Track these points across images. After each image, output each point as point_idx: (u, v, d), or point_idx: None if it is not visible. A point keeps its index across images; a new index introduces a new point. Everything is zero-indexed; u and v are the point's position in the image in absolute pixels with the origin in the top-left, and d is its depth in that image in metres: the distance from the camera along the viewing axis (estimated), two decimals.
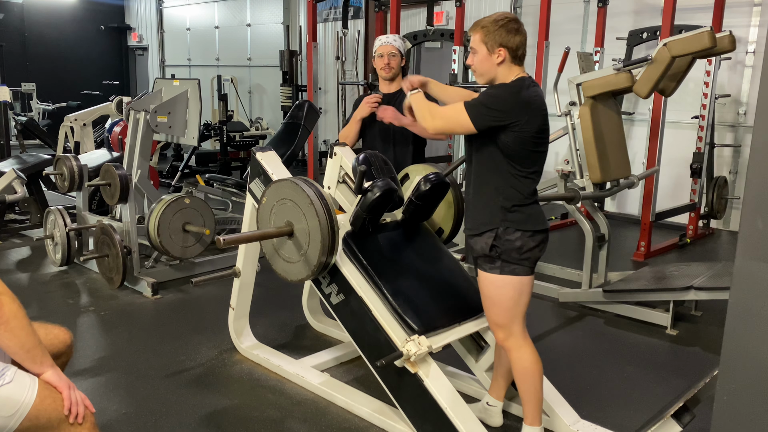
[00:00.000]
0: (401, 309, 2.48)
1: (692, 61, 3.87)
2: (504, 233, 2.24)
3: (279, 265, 2.64)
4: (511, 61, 2.25)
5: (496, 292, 2.31)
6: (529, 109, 2.18)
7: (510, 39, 2.22)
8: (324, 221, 2.42)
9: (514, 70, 2.27)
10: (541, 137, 2.24)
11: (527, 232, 2.24)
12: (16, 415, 1.60)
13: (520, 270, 2.27)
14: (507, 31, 2.21)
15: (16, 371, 1.65)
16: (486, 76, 2.30)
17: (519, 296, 2.30)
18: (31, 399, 1.62)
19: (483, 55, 2.25)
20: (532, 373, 2.35)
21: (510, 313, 2.31)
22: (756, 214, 1.19)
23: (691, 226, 5.95)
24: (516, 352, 2.35)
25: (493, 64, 2.25)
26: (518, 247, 2.24)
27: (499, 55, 2.23)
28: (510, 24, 2.22)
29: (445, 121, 2.28)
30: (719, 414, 1.29)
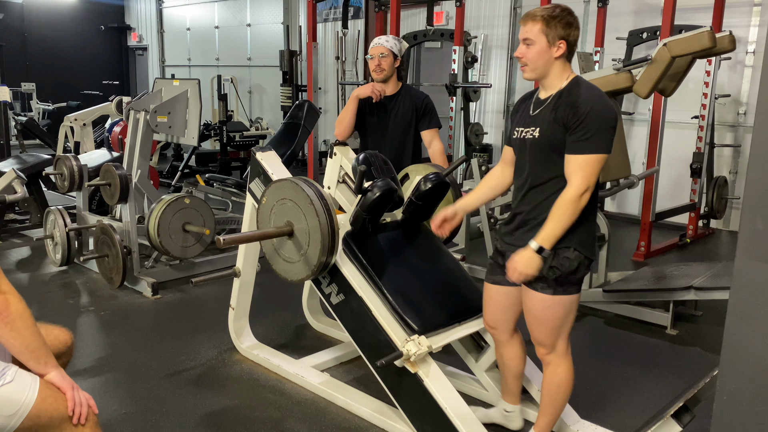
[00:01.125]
0: (401, 309, 2.48)
1: (692, 61, 3.86)
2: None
3: (279, 265, 2.64)
4: (567, 56, 2.13)
5: (548, 314, 2.20)
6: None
7: (571, 32, 2.09)
8: (324, 221, 2.42)
9: (567, 67, 2.16)
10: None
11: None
12: (17, 414, 1.60)
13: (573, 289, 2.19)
14: (568, 24, 2.08)
15: (17, 370, 1.65)
16: (539, 70, 2.14)
17: (568, 315, 2.21)
18: (32, 398, 1.62)
19: (542, 47, 2.09)
20: (563, 391, 2.31)
21: (556, 331, 2.24)
22: (756, 214, 1.19)
23: (691, 226, 5.96)
24: (556, 368, 2.29)
25: (551, 57, 2.10)
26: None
27: (559, 48, 2.09)
28: (569, 17, 2.10)
29: (593, 178, 2.04)
30: (719, 414, 1.29)
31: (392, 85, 3.37)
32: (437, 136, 3.43)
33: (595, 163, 2.04)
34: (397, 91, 3.39)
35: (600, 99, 2.10)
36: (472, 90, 6.68)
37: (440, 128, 3.46)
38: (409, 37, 7.52)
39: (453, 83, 6.25)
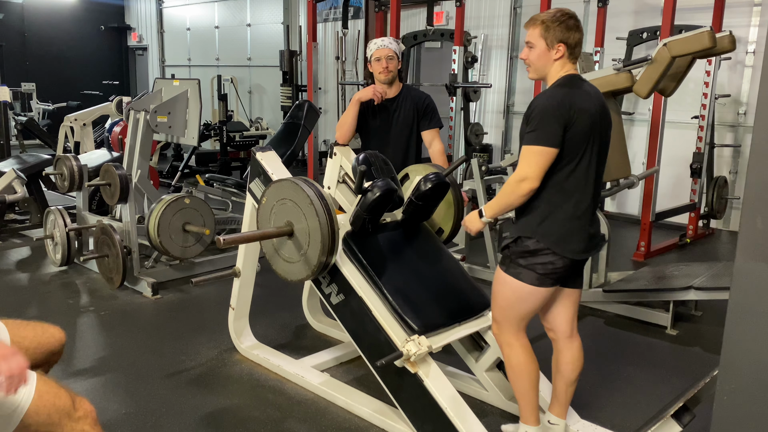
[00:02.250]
0: (401, 309, 2.48)
1: (692, 61, 3.86)
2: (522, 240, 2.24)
3: (279, 265, 2.64)
4: (568, 57, 2.23)
5: (497, 288, 2.33)
6: (574, 108, 2.13)
7: (570, 35, 2.20)
8: (324, 221, 2.42)
9: (567, 67, 2.24)
10: (586, 142, 2.18)
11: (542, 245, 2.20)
12: (16, 411, 1.59)
13: (525, 275, 2.23)
14: (567, 28, 2.19)
15: None
16: (540, 71, 2.27)
17: (517, 302, 2.27)
18: (30, 394, 1.61)
19: (542, 50, 2.22)
20: (520, 373, 2.33)
21: (503, 313, 2.32)
22: (756, 214, 1.19)
23: (691, 226, 5.95)
24: (506, 348, 2.36)
25: (551, 59, 2.22)
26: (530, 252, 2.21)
27: (558, 51, 2.21)
28: (570, 20, 2.21)
29: (528, 164, 2.14)
30: (719, 414, 1.29)
31: (394, 86, 3.37)
32: (438, 136, 3.43)
33: (535, 154, 2.13)
34: (399, 93, 3.39)
35: (550, 96, 2.17)
36: (472, 90, 6.68)
37: (441, 128, 3.46)
38: (409, 37, 7.52)
39: (453, 83, 6.25)
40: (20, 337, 1.82)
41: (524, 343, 2.34)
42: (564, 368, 2.44)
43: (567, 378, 2.44)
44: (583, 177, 2.19)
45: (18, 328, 1.85)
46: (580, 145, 2.16)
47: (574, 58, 2.24)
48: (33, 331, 1.87)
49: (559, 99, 2.15)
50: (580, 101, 2.15)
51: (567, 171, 2.18)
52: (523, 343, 2.34)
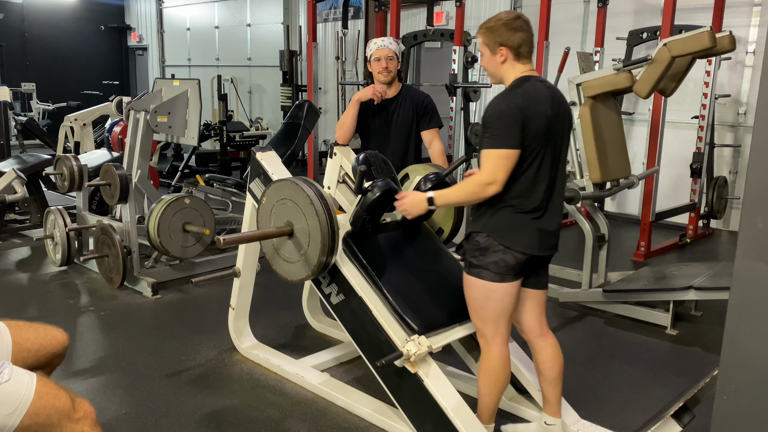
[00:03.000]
0: (401, 309, 2.48)
1: (692, 61, 3.87)
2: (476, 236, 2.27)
3: (279, 265, 2.64)
4: (515, 59, 2.23)
5: (466, 292, 2.35)
6: (528, 108, 2.14)
7: (510, 37, 2.20)
8: (324, 221, 2.42)
9: (518, 69, 2.24)
10: (541, 140, 2.18)
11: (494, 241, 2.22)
12: (15, 412, 1.59)
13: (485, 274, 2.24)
14: (507, 30, 2.20)
15: (14, 368, 1.65)
16: (495, 76, 2.31)
17: (485, 300, 2.28)
18: (30, 396, 1.61)
19: (487, 56, 2.27)
20: (488, 377, 2.34)
21: (477, 314, 2.33)
22: (756, 214, 1.19)
23: (691, 226, 5.95)
24: (483, 352, 2.36)
25: (498, 63, 2.25)
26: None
27: (501, 55, 2.23)
28: (512, 22, 2.21)
29: (493, 169, 2.13)
30: (719, 414, 1.29)
31: (393, 86, 3.37)
32: (437, 136, 3.43)
33: (499, 157, 2.13)
34: (398, 93, 3.39)
35: (504, 99, 2.17)
36: (472, 90, 6.67)
37: (441, 128, 3.46)
38: (409, 37, 7.52)
39: (453, 83, 6.25)
40: (22, 338, 1.82)
41: (501, 352, 2.32)
42: (543, 368, 2.46)
43: (548, 377, 2.45)
44: (534, 175, 2.19)
45: (20, 330, 1.84)
46: (534, 145, 2.16)
47: (524, 58, 2.25)
48: (35, 333, 1.87)
49: (513, 101, 2.15)
50: (534, 102, 2.15)
51: (518, 169, 2.17)
52: (499, 351, 2.32)
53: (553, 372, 2.43)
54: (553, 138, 2.21)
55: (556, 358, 2.44)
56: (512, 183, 2.18)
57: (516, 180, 2.18)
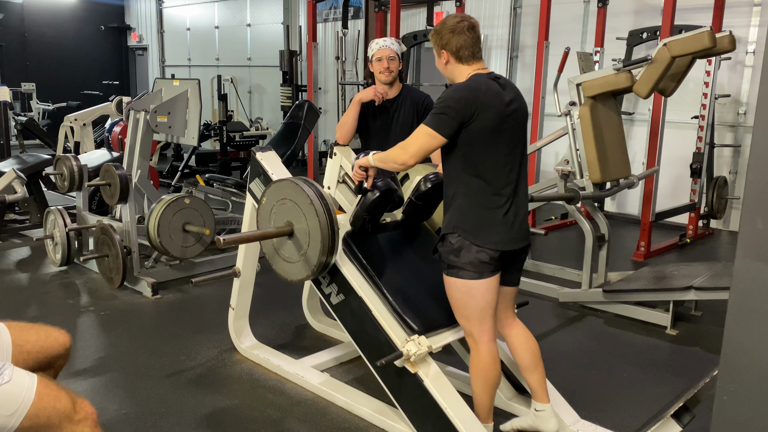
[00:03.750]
0: (401, 309, 2.48)
1: (692, 61, 3.87)
2: (450, 237, 2.28)
3: (279, 265, 2.64)
4: (457, 61, 2.29)
5: (448, 293, 2.37)
6: (477, 102, 2.17)
7: (449, 41, 2.27)
8: (324, 221, 2.42)
9: (464, 70, 2.29)
10: (496, 134, 2.21)
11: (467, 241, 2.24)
12: (16, 414, 1.59)
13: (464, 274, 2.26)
14: (449, 33, 2.26)
15: (14, 369, 1.64)
16: (447, 77, 2.39)
17: (467, 299, 2.29)
18: (31, 397, 1.61)
19: (437, 59, 2.37)
20: (479, 375, 2.36)
21: (461, 314, 2.35)
22: (756, 214, 1.19)
23: (691, 226, 5.95)
24: (472, 350, 2.38)
25: (443, 65, 2.34)
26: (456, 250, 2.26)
27: (443, 57, 2.32)
28: (455, 26, 2.26)
29: (418, 144, 2.25)
30: (719, 414, 1.29)
31: (394, 87, 3.37)
32: None
33: (425, 134, 2.23)
34: (399, 93, 3.39)
35: (455, 90, 2.22)
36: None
37: None
38: (409, 37, 7.52)
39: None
40: (23, 340, 1.81)
41: (489, 348, 2.34)
42: (516, 354, 2.50)
43: (524, 364, 2.48)
44: (495, 170, 2.23)
45: (21, 331, 1.84)
46: (488, 141, 2.20)
47: (467, 61, 2.29)
48: (36, 335, 1.86)
49: (461, 95, 2.20)
50: (483, 98, 2.18)
51: (478, 165, 2.22)
52: (488, 348, 2.34)
53: (526, 357, 2.47)
54: (509, 130, 2.24)
55: (528, 343, 2.48)
56: (476, 179, 2.23)
57: (479, 174, 2.22)
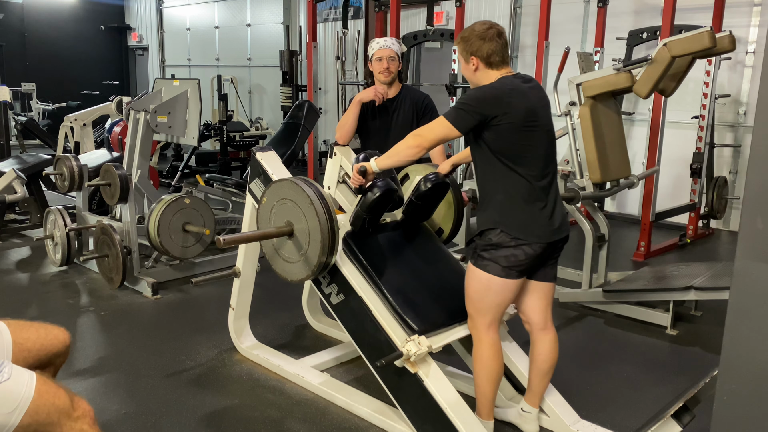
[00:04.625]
0: (401, 309, 2.48)
1: (692, 61, 3.86)
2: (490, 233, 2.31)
3: (279, 265, 2.64)
4: (486, 67, 2.34)
5: (468, 282, 2.42)
6: (502, 103, 2.21)
7: (480, 47, 2.30)
8: (324, 221, 2.42)
9: (493, 74, 2.33)
10: (528, 131, 2.25)
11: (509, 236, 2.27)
12: (16, 411, 1.59)
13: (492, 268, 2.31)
14: (478, 39, 2.30)
15: (13, 367, 1.65)
16: (472, 84, 2.42)
17: (485, 292, 2.34)
18: (30, 394, 1.61)
19: (463, 65, 2.41)
20: (482, 368, 2.41)
21: (474, 305, 2.40)
22: (756, 214, 1.19)
23: (691, 226, 5.95)
24: (475, 342, 2.43)
25: (471, 72, 2.38)
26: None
27: (472, 64, 2.35)
28: (484, 33, 2.31)
29: (434, 134, 2.31)
30: (719, 414, 1.29)
31: (394, 87, 3.38)
32: None
33: (442, 125, 2.29)
34: (398, 93, 3.39)
35: (481, 90, 2.29)
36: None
37: None
38: (409, 37, 7.53)
39: (453, 83, 6.25)
40: (23, 338, 1.82)
41: (493, 339, 2.40)
42: (537, 359, 2.52)
43: (539, 369, 2.52)
44: (533, 165, 2.27)
45: (21, 330, 1.84)
46: (522, 137, 2.25)
47: (497, 66, 2.34)
48: (36, 333, 1.86)
49: (483, 95, 2.26)
50: (508, 98, 2.22)
51: (516, 161, 2.26)
52: (491, 339, 2.39)
53: (545, 365, 2.51)
54: (540, 125, 2.29)
55: (552, 354, 2.51)
56: (515, 174, 2.27)
57: (518, 170, 2.27)
